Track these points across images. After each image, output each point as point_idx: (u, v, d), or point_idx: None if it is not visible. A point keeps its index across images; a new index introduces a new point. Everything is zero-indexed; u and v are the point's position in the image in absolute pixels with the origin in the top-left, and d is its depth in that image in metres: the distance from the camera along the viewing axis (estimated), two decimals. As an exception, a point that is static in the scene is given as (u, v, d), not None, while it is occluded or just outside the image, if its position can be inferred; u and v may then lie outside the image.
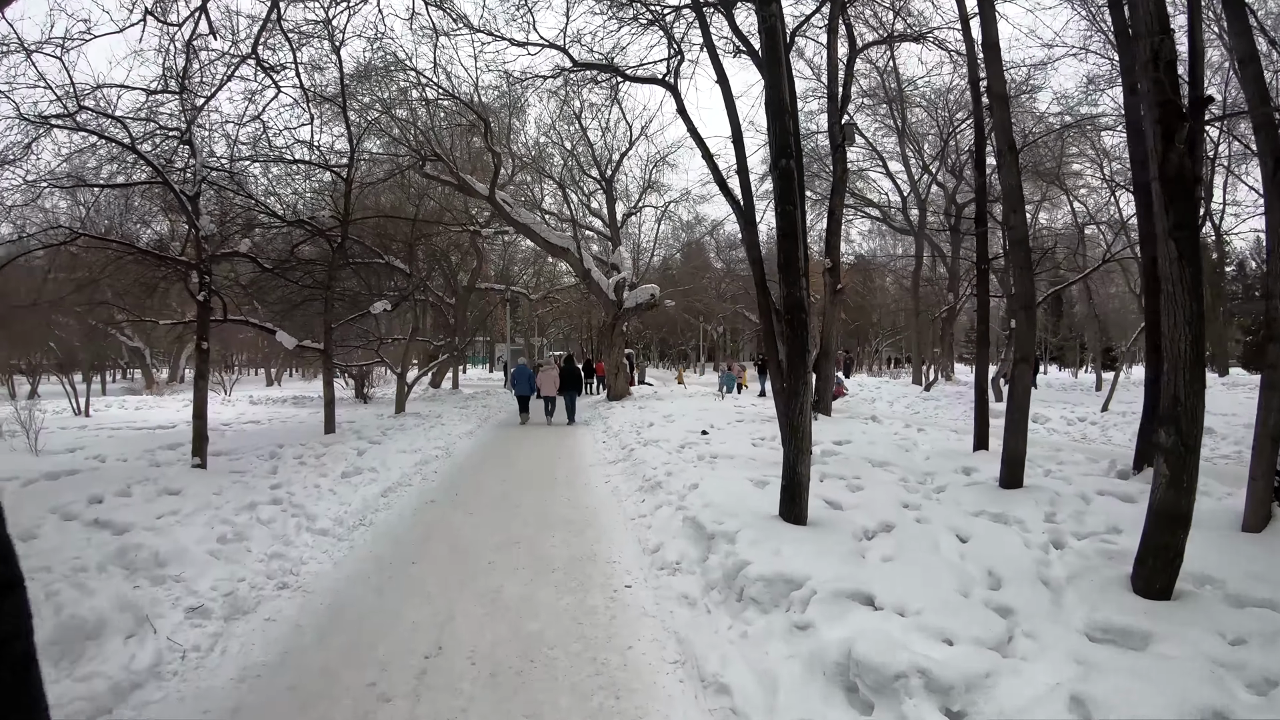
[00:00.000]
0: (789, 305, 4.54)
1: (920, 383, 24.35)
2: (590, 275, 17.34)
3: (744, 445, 8.67)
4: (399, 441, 10.23)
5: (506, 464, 9.18)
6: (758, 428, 10.53)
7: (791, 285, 4.51)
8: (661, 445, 8.96)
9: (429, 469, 8.67)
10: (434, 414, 14.62)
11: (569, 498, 6.96)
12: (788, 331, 4.55)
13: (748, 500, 5.31)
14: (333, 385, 11.64)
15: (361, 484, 7.25)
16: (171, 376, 36.37)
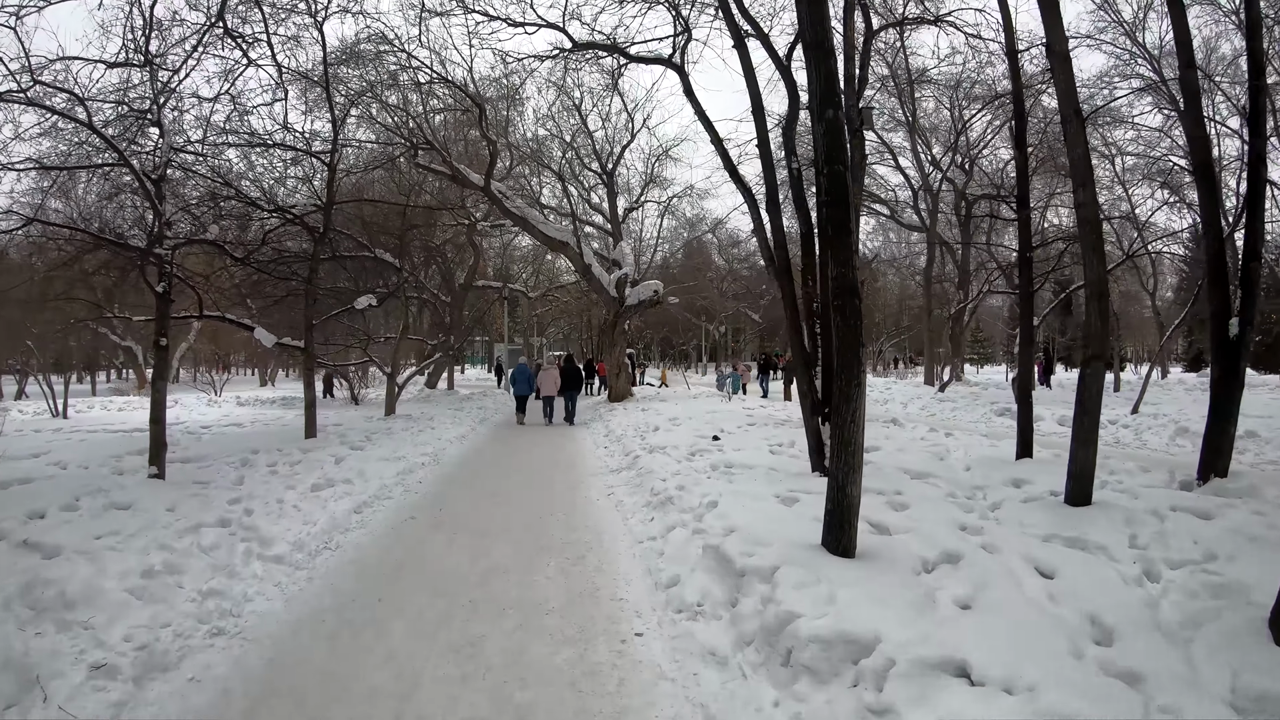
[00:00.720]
0: (840, 289, 3.69)
1: (933, 383, 23.52)
2: (590, 271, 16.52)
3: (762, 453, 7.85)
4: (383, 447, 9.41)
5: (499, 473, 8.35)
6: (772, 432, 9.71)
7: (843, 264, 3.66)
8: (669, 452, 8.13)
9: (412, 479, 7.84)
10: (426, 416, 13.80)
11: (567, 514, 6.12)
12: (838, 321, 3.71)
13: (779, 524, 4.48)
14: (314, 386, 10.81)
15: (332, 498, 6.41)
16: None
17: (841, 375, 3.69)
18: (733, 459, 7.34)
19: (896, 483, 6.08)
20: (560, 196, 20.91)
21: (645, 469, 7.43)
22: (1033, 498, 5.66)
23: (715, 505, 5.06)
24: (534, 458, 9.52)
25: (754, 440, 8.85)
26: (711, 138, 11.27)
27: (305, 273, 10.91)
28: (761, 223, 11.12)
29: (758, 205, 11.60)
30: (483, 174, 14.80)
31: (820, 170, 3.62)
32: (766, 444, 8.40)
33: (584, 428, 13.39)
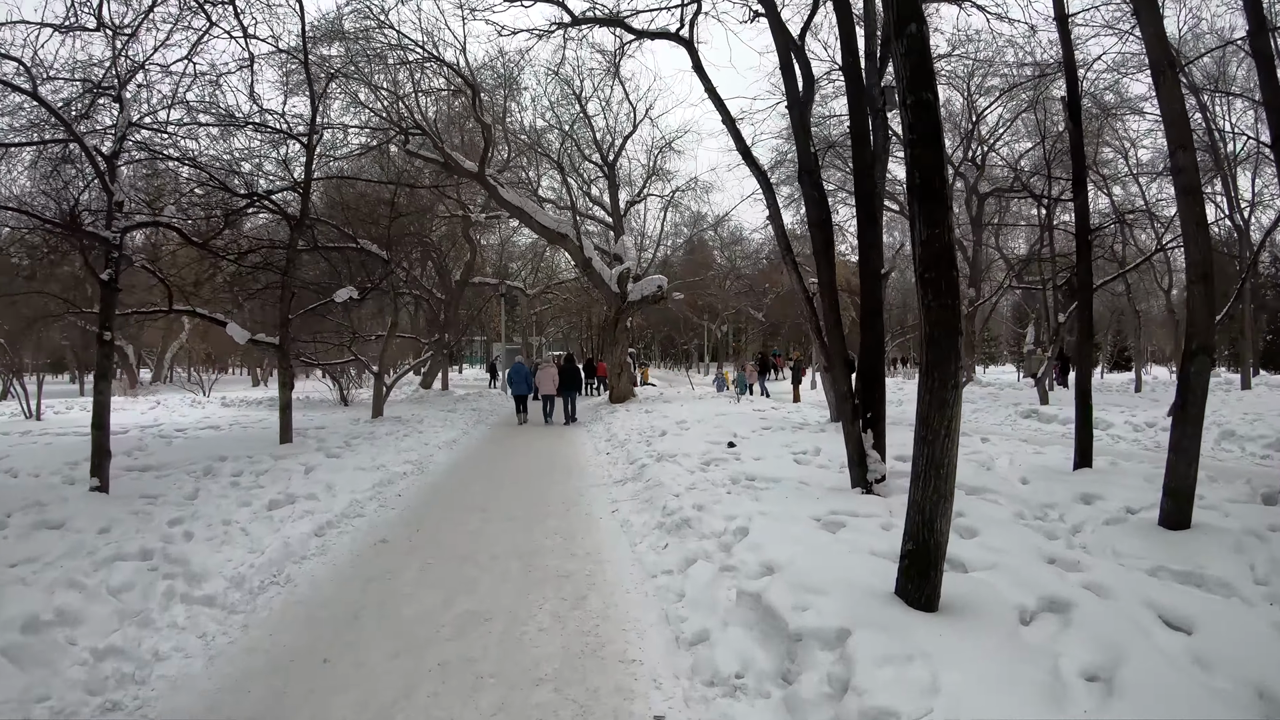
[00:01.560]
0: (933, 256, 2.73)
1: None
2: (591, 265, 15.63)
3: (785, 463, 6.97)
4: (363, 454, 8.53)
5: (490, 484, 7.46)
6: (792, 438, 8.82)
7: (936, 224, 2.73)
8: (680, 461, 7.25)
9: (390, 492, 6.95)
10: (416, 419, 12.91)
11: (565, 537, 5.23)
12: (929, 300, 2.76)
13: (830, 560, 3.60)
14: (291, 387, 9.92)
15: (291, 518, 5.52)
16: (155, 376, 34.78)
17: (936, 368, 2.78)
18: (754, 470, 6.46)
19: (955, 500, 5.21)
20: (559, 187, 19.99)
21: (654, 481, 6.54)
22: (1115, 518, 4.80)
23: (745, 533, 4.18)
24: (529, 466, 8.63)
25: (774, 447, 7.96)
26: (723, 116, 10.40)
27: (282, 264, 10.03)
28: (778, 207, 10.27)
29: (773, 189, 10.74)
30: (478, 163, 13.90)
31: (904, 101, 2.73)
32: (789, 452, 7.51)
33: (584, 431, 12.50)
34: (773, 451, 7.59)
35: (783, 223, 10.86)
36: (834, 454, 7.41)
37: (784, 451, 7.55)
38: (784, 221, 10.54)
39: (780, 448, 7.90)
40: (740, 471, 6.42)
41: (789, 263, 10.39)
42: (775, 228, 10.70)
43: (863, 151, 5.95)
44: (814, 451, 7.59)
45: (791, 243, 10.27)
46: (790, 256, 10.40)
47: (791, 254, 10.47)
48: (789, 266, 10.38)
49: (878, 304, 5.54)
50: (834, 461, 7.11)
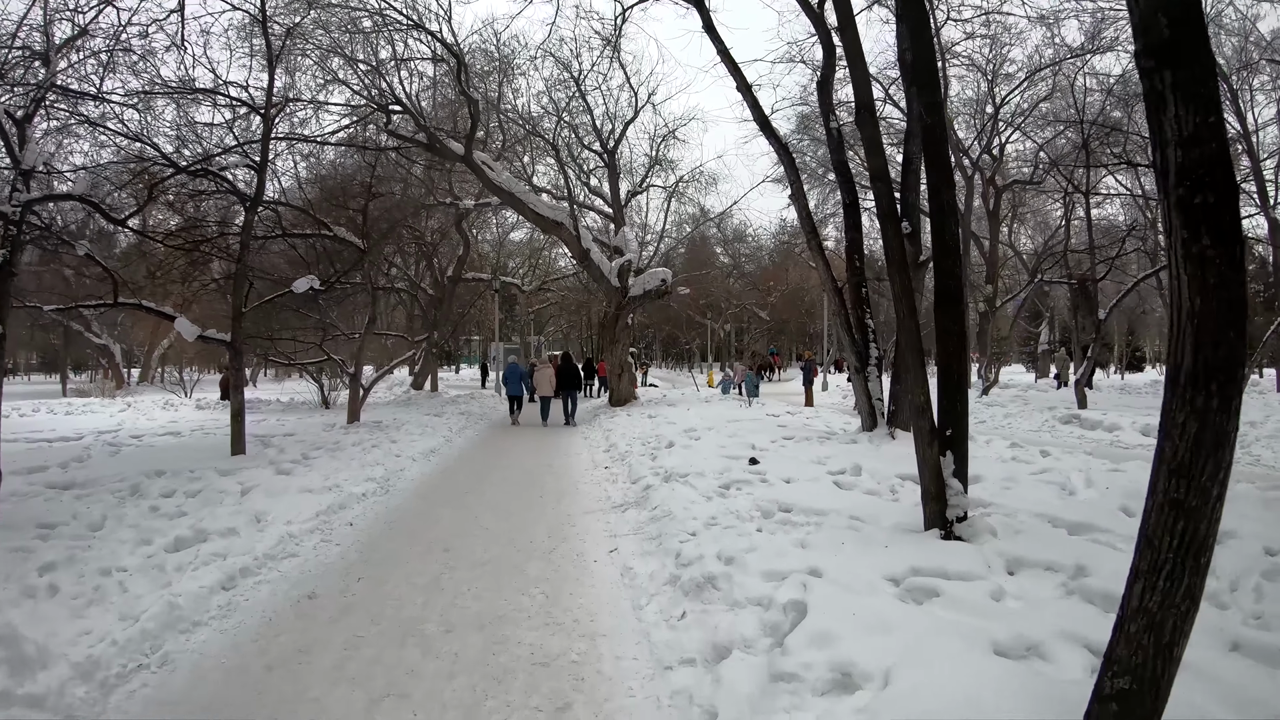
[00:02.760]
0: (1188, 166, 1.44)
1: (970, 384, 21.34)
2: (589, 256, 14.36)
3: (824, 487, 5.72)
4: (318, 470, 7.28)
5: (463, 510, 6.20)
6: (820, 451, 7.56)
7: (1205, 140, 1.43)
8: (694, 483, 5.99)
9: (339, 522, 5.69)
10: (396, 424, 11.67)
11: (548, 594, 3.97)
12: (1206, 248, 1.48)
13: (944, 667, 2.34)
14: (242, 390, 8.69)
15: (192, 565, 4.27)
16: (143, 376, 33.59)
17: (1206, 384, 1.51)
18: (789, 497, 5.20)
19: (1061, 546, 3.96)
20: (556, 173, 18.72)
21: (663, 509, 5.28)
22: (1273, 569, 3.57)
23: (802, 611, 2.92)
24: (514, 483, 7.37)
25: (804, 465, 6.70)
26: (738, 83, 9.17)
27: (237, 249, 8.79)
28: (801, 184, 9.04)
29: (795, 164, 9.51)
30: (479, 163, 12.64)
31: None
32: (825, 472, 6.24)
33: (580, 438, 11.24)
34: (804, 470, 6.33)
35: (807, 201, 9.63)
36: (880, 473, 6.16)
37: (818, 471, 6.28)
38: (809, 203, 9.31)
39: (811, 465, 6.64)
40: (771, 499, 5.17)
41: (814, 247, 9.16)
42: (799, 207, 9.46)
43: (934, 91, 4.67)
44: (853, 470, 6.33)
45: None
46: (816, 240, 9.18)
47: (818, 237, 9.25)
48: (815, 251, 9.16)
49: (958, 286, 4.29)
50: (882, 484, 5.86)
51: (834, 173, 9.82)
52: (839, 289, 8.70)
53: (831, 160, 10.17)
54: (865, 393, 8.79)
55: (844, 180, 9.76)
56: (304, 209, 10.39)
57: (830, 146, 10.14)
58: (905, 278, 4.36)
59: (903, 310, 4.35)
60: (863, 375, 8.79)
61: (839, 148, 9.96)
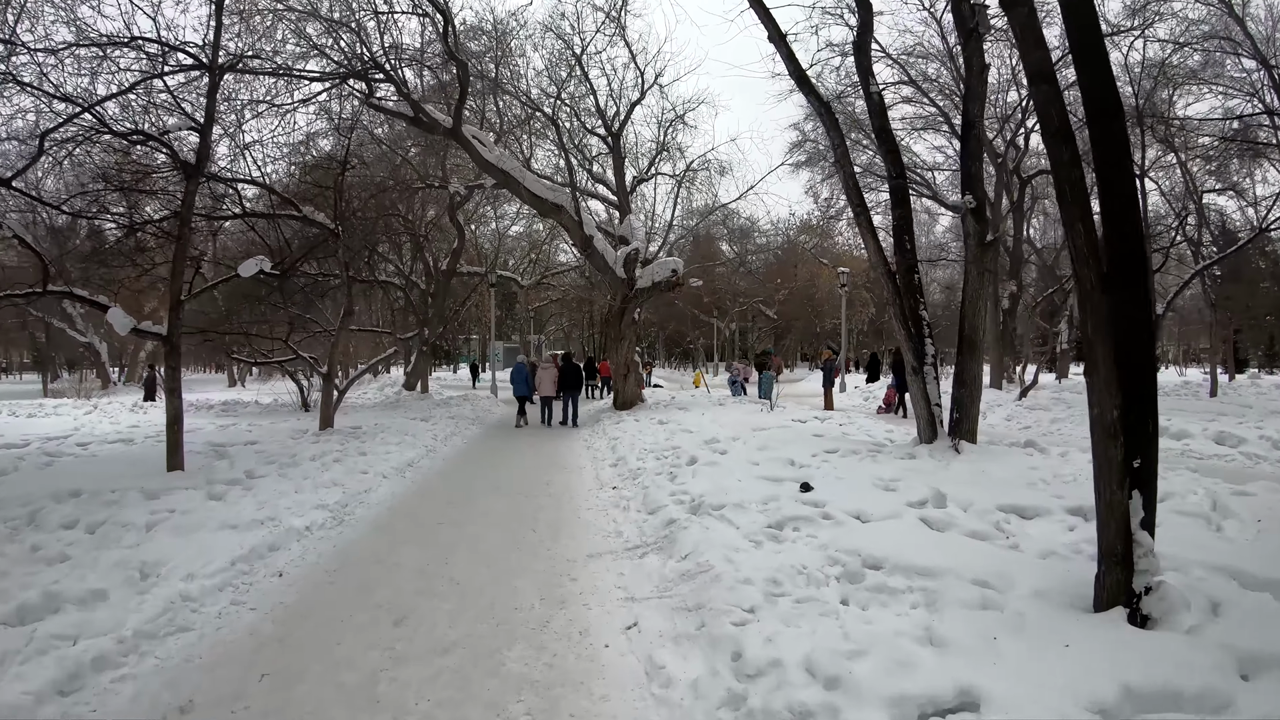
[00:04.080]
0: None
1: (1001, 387, 20.00)
2: (593, 244, 12.95)
3: (909, 527, 4.31)
4: (261, 492, 5.89)
5: (430, 551, 4.80)
6: (876, 470, 6.16)
7: None
8: (732, 518, 4.59)
9: (262, 571, 4.30)
10: (376, 429, 10.28)
11: (535, 714, 2.58)
12: None
13: None
14: (179, 395, 7.29)
15: (18, 657, 2.88)
16: (129, 375, 32.31)
17: None
18: (870, 545, 3.80)
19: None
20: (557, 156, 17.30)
21: (697, 561, 3.88)
22: None
23: None
24: (500, 511, 5.95)
25: (866, 489, 5.29)
26: (770, 33, 7.78)
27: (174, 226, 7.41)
28: (845, 148, 7.67)
29: (839, 123, 8.12)
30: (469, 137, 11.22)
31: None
32: (901, 503, 4.83)
33: (583, 447, 9.82)
34: (873, 499, 4.92)
35: (852, 166, 8.24)
36: (973, 505, 4.77)
37: (892, 501, 4.88)
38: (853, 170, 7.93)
39: (879, 491, 5.24)
40: (848, 548, 3.77)
41: (863, 224, 7.74)
42: (844, 174, 8.05)
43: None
44: (935, 500, 4.93)
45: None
46: (866, 214, 7.76)
47: (867, 211, 7.84)
48: (863, 229, 7.74)
49: (1139, 250, 2.87)
50: (984, 522, 4.46)
51: (877, 143, 8.42)
52: (892, 274, 7.31)
53: (873, 127, 8.81)
54: (925, 397, 7.39)
55: (888, 150, 8.38)
56: (261, 184, 8.97)
57: (871, 113, 8.77)
58: (1088, 222, 2.92)
59: (1089, 278, 2.90)
60: (921, 376, 7.38)
61: (881, 113, 8.59)
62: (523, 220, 29.88)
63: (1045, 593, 3.08)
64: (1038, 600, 2.99)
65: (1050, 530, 4.59)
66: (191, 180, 7.34)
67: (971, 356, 7.57)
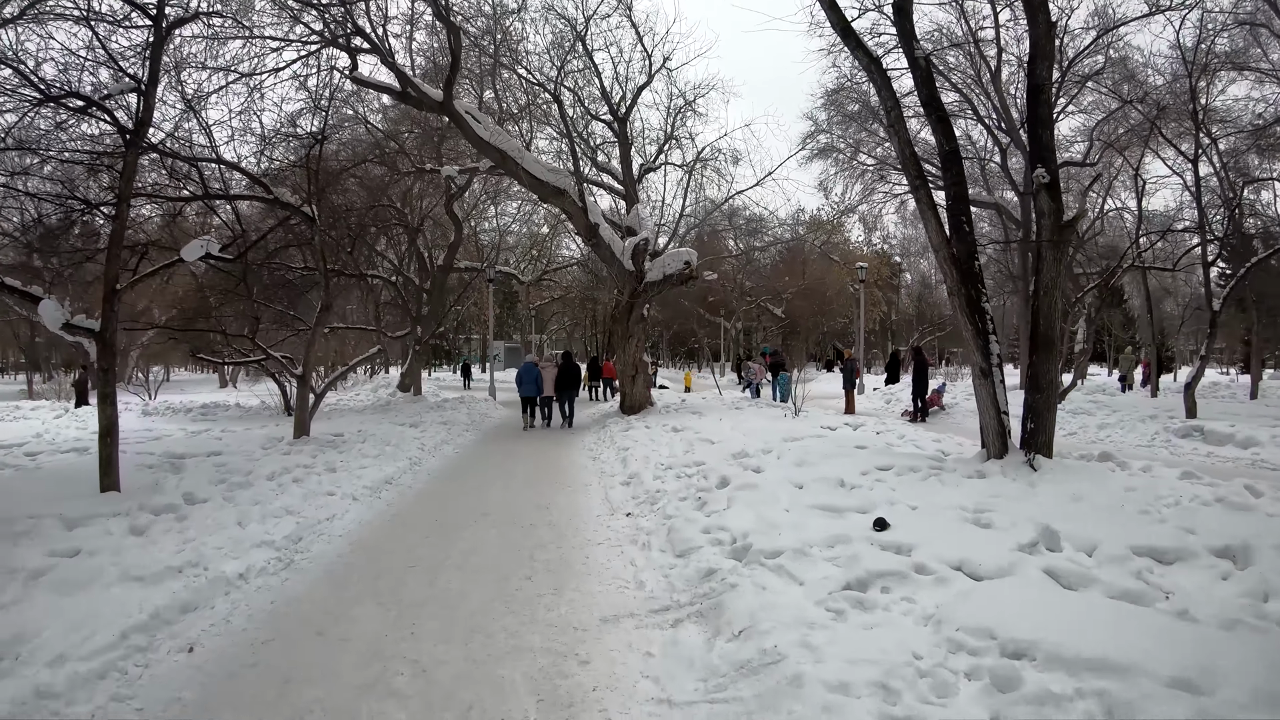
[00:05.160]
0: None
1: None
2: (598, 233, 11.81)
3: (1032, 580, 3.19)
4: (196, 523, 4.78)
5: (392, 614, 3.67)
6: (951, 493, 5.04)
7: None
8: (794, 569, 3.46)
9: (166, 646, 3.18)
10: (358, 437, 9.16)
11: None
12: None
13: None
14: (113, 400, 6.18)
15: None
16: (122, 376, 31.27)
17: None
18: (1002, 622, 2.68)
19: None
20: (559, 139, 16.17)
21: (760, 649, 2.74)
22: None
23: None
24: (489, 549, 4.80)
25: (953, 523, 4.16)
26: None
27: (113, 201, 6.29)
28: (900, 112, 6.57)
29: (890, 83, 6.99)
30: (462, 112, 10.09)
31: None
32: (1011, 547, 3.69)
33: (589, 460, 8.66)
34: (969, 541, 3.79)
35: (907, 131, 7.10)
36: (1103, 548, 3.65)
37: (995, 543, 3.74)
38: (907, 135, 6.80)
39: (968, 527, 4.11)
40: (976, 625, 2.65)
41: (923, 198, 6.59)
42: (898, 141, 6.92)
43: None
44: (1045, 537, 3.81)
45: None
46: (926, 187, 6.61)
47: (927, 183, 6.68)
48: (923, 204, 6.58)
49: None
50: (1122, 569, 3.37)
51: (926, 113, 7.28)
52: (956, 259, 6.17)
53: (921, 97, 7.66)
54: (994, 404, 6.26)
55: (939, 120, 7.24)
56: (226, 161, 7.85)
57: (918, 82, 7.62)
58: None
59: None
60: (990, 379, 6.25)
61: (928, 81, 7.45)
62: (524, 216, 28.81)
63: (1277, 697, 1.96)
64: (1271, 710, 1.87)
65: (1204, 581, 3.50)
66: (131, 149, 6.23)
67: (1047, 356, 6.43)
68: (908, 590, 3.19)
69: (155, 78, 6.44)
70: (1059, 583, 3.28)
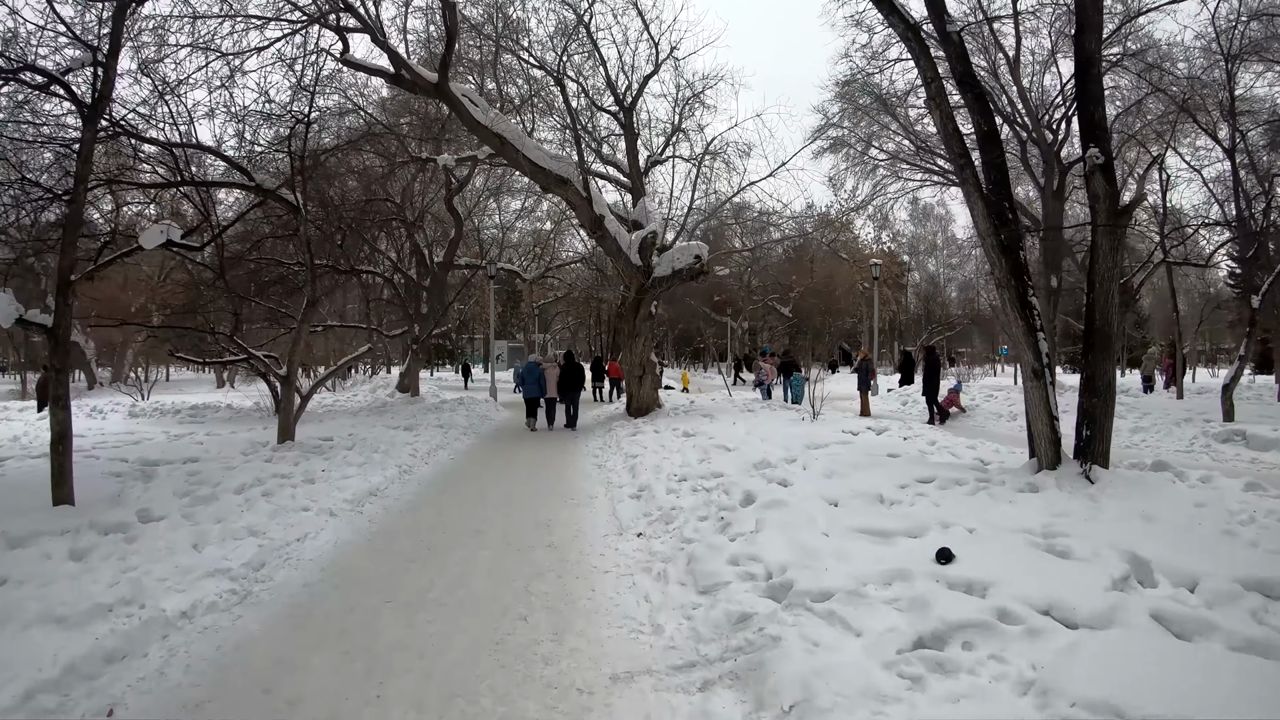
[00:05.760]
0: None
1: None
2: (604, 225, 11.17)
3: (1149, 636, 2.55)
4: (152, 542, 4.18)
5: (358, 665, 3.03)
6: (1011, 511, 4.40)
7: None
8: (848, 616, 2.82)
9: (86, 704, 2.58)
10: (345, 443, 8.56)
11: None
12: None
13: None
14: (66, 404, 5.57)
15: None
16: (115, 375, 30.78)
17: None
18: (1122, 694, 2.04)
19: None
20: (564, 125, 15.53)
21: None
22: None
23: None
24: (478, 582, 4.16)
25: (1022, 550, 3.53)
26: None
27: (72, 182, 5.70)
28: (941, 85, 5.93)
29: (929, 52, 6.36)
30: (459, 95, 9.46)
31: None
32: (1103, 584, 3.05)
33: (594, 468, 8.01)
34: (1051, 576, 3.15)
35: (949, 105, 6.45)
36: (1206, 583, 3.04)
37: (1083, 579, 3.10)
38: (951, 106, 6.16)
39: (1043, 556, 3.48)
40: (1093, 699, 2.02)
41: (969, 178, 5.95)
42: (939, 116, 6.28)
43: None
44: (1139, 571, 3.19)
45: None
46: (972, 167, 5.97)
47: (973, 163, 6.05)
48: (969, 185, 5.93)
49: None
50: (1234, 609, 2.81)
51: (960, 90, 6.64)
52: (1006, 247, 5.52)
53: (956, 75, 7.00)
54: (1047, 409, 5.61)
55: (976, 98, 6.59)
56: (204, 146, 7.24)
57: (952, 58, 6.96)
58: None
59: None
60: (1043, 381, 5.60)
61: (963, 58, 6.81)
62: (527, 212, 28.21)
63: None
64: None
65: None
66: (89, 125, 5.63)
67: (1105, 355, 5.77)
68: (995, 645, 2.56)
69: (116, 48, 5.84)
70: (1170, 630, 2.65)
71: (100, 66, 5.75)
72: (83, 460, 7.82)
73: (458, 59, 12.89)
